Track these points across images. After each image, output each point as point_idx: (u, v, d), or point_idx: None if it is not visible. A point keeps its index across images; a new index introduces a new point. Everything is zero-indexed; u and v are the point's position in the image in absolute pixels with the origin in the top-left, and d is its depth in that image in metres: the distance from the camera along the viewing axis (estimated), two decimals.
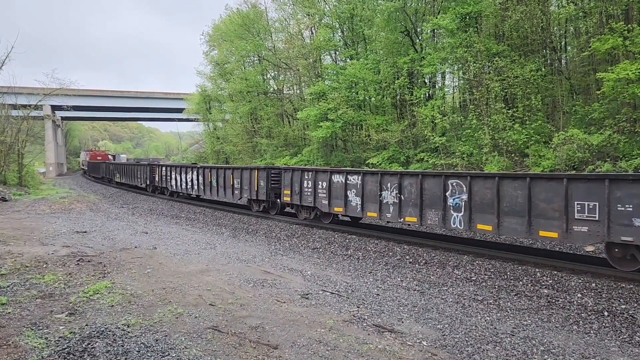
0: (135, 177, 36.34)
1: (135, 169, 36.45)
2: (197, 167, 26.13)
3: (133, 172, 36.86)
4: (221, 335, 6.52)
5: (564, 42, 23.71)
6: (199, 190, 25.93)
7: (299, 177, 18.30)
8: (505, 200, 11.55)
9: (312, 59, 33.76)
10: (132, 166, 38.10)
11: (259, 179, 20.57)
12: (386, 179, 14.68)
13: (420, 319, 7.68)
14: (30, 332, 6.41)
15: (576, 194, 10.19)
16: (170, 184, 29.45)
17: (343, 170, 16.53)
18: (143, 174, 34.06)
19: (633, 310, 8.21)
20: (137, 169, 35.82)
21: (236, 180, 22.07)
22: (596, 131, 17.96)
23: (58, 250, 12.19)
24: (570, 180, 10.36)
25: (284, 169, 19.58)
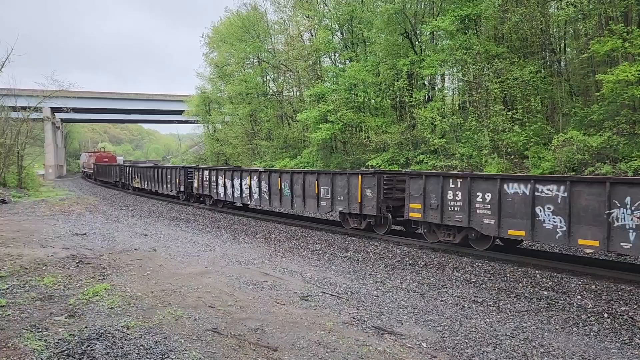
0: (162, 183, 31.03)
1: (164, 172, 31.05)
2: (259, 171, 21.38)
3: (160, 176, 31.52)
4: (221, 337, 6.51)
5: (563, 44, 23.75)
6: (260, 200, 20.94)
7: (438, 186, 13.44)
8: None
9: (312, 61, 33.81)
10: (160, 170, 32.22)
11: (363, 187, 15.84)
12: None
13: (420, 321, 7.67)
14: (29, 334, 6.40)
15: None
16: (215, 191, 24.39)
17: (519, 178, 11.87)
18: (175, 178, 29.15)
19: (633, 312, 8.21)
20: (167, 173, 30.57)
21: (324, 189, 17.34)
22: (596, 133, 17.98)
23: (57, 253, 12.18)
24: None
25: (410, 175, 14.68)
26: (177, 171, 28.92)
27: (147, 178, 33.73)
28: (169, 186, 30.07)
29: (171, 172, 29.88)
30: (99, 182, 51.06)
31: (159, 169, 32.51)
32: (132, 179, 37.38)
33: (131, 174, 37.67)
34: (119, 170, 41.94)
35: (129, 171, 38.47)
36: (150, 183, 33.07)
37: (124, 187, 39.73)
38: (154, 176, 32.40)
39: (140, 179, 35.16)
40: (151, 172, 33.19)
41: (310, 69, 34.22)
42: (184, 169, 28.26)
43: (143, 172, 34.82)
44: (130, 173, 37.94)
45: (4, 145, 33.42)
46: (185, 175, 27.75)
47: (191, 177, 27.08)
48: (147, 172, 34.01)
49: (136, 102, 75.75)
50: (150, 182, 33.06)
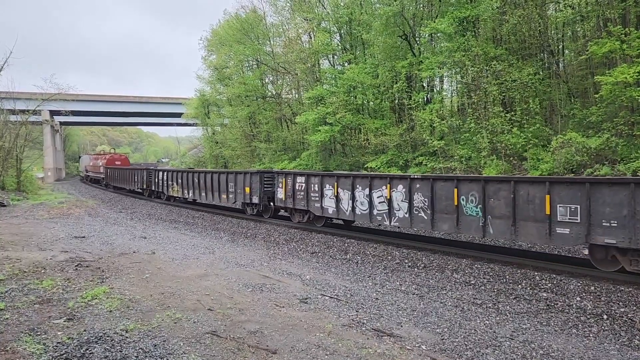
0: (219, 192, 24.29)
1: (224, 179, 23.94)
2: (410, 177, 14.59)
3: (216, 183, 24.57)
4: (220, 340, 6.50)
5: (562, 45, 23.78)
6: (412, 220, 14.26)
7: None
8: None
9: (311, 63, 33.79)
10: (216, 175, 24.95)
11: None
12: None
13: (419, 323, 7.67)
14: (28, 338, 6.38)
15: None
16: (319, 204, 17.86)
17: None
18: (243, 186, 22.25)
19: (632, 314, 8.21)
20: (229, 179, 23.54)
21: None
22: (594, 134, 18.00)
23: (56, 256, 12.16)
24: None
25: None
26: (247, 177, 22.15)
27: (192, 185, 27.25)
28: (231, 196, 23.45)
29: (237, 178, 22.95)
30: (112, 188, 44.17)
31: (214, 173, 25.35)
32: (167, 187, 30.63)
33: (166, 180, 30.85)
34: (146, 175, 34.17)
35: (163, 176, 31.45)
36: (198, 192, 26.54)
37: (154, 196, 32.84)
38: (205, 183, 25.75)
39: (180, 187, 28.74)
40: (201, 177, 26.36)
41: (309, 71, 34.21)
42: (259, 174, 21.70)
43: (187, 178, 28.04)
44: (165, 179, 31.04)
45: (3, 148, 33.40)
46: (262, 182, 21.32)
47: (271, 185, 21.26)
48: (192, 178, 27.36)
49: (135, 105, 75.73)
50: (199, 190, 26.48)
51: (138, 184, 35.65)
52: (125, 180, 39.39)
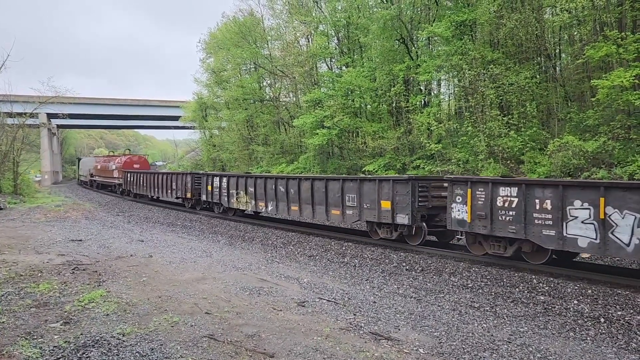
0: (329, 205, 16.96)
1: (342, 187, 16.42)
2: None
3: (327, 194, 17.05)
4: (217, 343, 6.48)
5: (559, 49, 23.87)
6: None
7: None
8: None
9: (308, 67, 33.85)
10: (327, 182, 17.20)
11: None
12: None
13: (417, 327, 7.66)
14: (24, 342, 6.36)
15: None
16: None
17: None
18: (381, 195, 15.15)
19: (629, 317, 8.22)
20: (363, 188, 15.78)
21: None
22: (591, 138, 18.05)
23: (53, 259, 12.13)
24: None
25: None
26: (395, 185, 14.70)
27: (275, 195, 19.51)
28: (350, 213, 16.24)
29: (380, 186, 15.19)
30: (131, 196, 37.11)
31: (319, 180, 17.58)
32: (227, 196, 23.15)
33: (226, 188, 23.20)
34: (191, 180, 26.91)
35: (221, 183, 23.52)
36: (287, 203, 18.83)
37: (200, 207, 26.56)
38: (300, 193, 18.19)
39: (252, 197, 21.05)
40: (291, 185, 18.58)
41: (307, 75, 34.26)
42: (410, 181, 14.36)
43: (266, 186, 20.12)
44: (225, 186, 23.24)
45: (0, 151, 33.33)
46: (414, 193, 14.30)
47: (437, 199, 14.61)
48: (275, 186, 19.44)
49: (133, 108, 75.69)
50: (288, 202, 18.79)
51: (178, 191, 28.26)
52: (155, 187, 31.64)
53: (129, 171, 38.59)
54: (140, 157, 45.13)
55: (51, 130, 76.25)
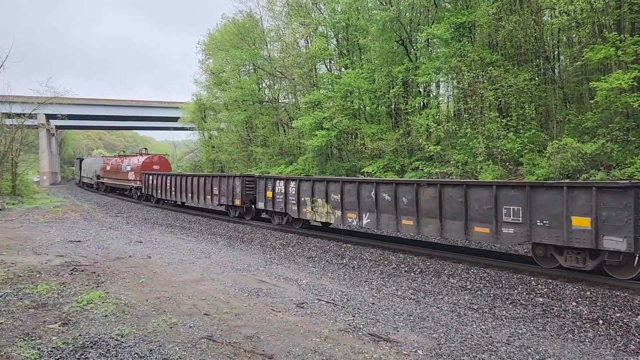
0: (484, 218, 12.38)
1: (500, 196, 12.12)
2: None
3: (482, 204, 12.46)
4: (216, 345, 6.48)
5: (557, 51, 23.92)
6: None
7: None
8: None
9: (307, 68, 33.87)
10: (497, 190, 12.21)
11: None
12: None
13: (415, 328, 7.66)
14: (22, 343, 6.35)
15: None
16: None
17: None
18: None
19: (628, 319, 8.22)
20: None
21: None
22: (590, 140, 18.08)
23: (51, 260, 12.11)
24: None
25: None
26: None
27: (390, 207, 14.75)
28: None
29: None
30: (154, 202, 32.54)
31: (489, 187, 12.51)
32: (297, 204, 18.55)
33: (294, 194, 18.75)
34: (240, 185, 22.32)
35: (288, 188, 19.07)
36: (418, 217, 14.01)
37: (252, 217, 22.55)
38: (441, 204, 13.40)
39: (353, 208, 16.01)
40: (423, 193, 13.86)
41: (306, 76, 34.28)
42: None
43: (368, 193, 15.47)
44: (294, 192, 18.77)
45: None
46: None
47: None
48: (393, 193, 14.64)
49: (131, 109, 75.67)
50: (420, 216, 13.98)
51: (221, 197, 23.77)
52: (188, 192, 27.19)
53: (150, 173, 33.30)
54: (160, 157, 39.27)
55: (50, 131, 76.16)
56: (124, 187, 39.57)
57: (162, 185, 30.51)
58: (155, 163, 37.40)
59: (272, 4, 37.36)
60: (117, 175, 40.98)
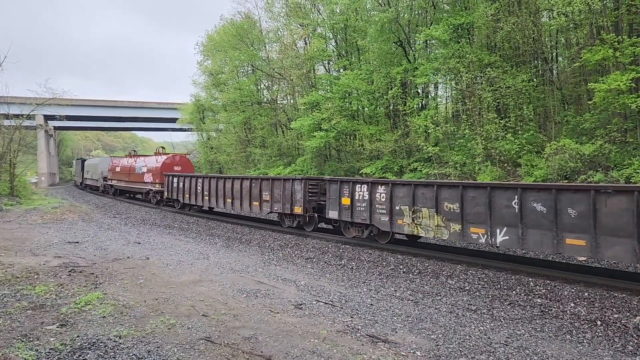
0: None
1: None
2: None
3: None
4: (214, 346, 6.47)
5: (555, 52, 23.97)
6: None
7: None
8: None
9: (306, 69, 33.89)
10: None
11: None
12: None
13: (414, 329, 7.66)
14: (20, 344, 6.33)
15: None
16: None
17: None
18: None
19: (626, 320, 8.24)
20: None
21: None
22: (588, 141, 18.11)
23: (49, 261, 12.09)
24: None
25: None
26: None
27: (546, 220, 11.16)
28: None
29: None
30: (180, 207, 28.22)
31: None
32: (401, 215, 14.72)
33: (400, 202, 14.80)
34: (302, 189, 18.54)
35: (391, 195, 15.03)
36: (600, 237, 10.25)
37: (309, 229, 18.72)
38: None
39: (483, 221, 12.46)
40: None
41: (305, 77, 34.30)
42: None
43: (505, 201, 12.02)
44: (398, 198, 14.89)
45: None
46: None
47: None
48: (553, 203, 11.02)
49: (130, 110, 75.63)
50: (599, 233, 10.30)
51: (274, 204, 19.81)
52: (227, 197, 22.90)
53: (174, 175, 28.63)
54: (182, 157, 34.12)
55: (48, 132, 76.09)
56: (139, 190, 35.09)
57: (192, 188, 26.17)
58: (177, 163, 32.72)
59: (271, 5, 37.42)
60: (130, 177, 36.46)
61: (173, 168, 32.09)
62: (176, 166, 32.46)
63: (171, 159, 32.82)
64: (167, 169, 31.68)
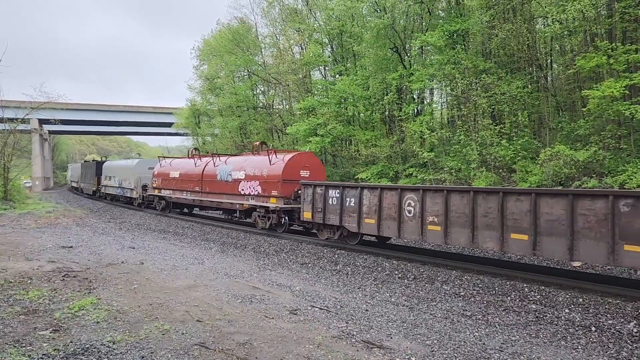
0: None
1: None
2: None
3: None
4: (208, 352, 6.44)
5: (550, 59, 24.12)
6: None
7: None
8: None
9: (302, 74, 33.97)
10: None
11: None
12: None
13: (409, 335, 7.65)
14: (13, 349, 6.28)
15: None
16: None
17: None
18: None
19: (620, 326, 8.26)
20: None
21: None
22: (582, 147, 18.20)
23: (43, 266, 12.02)
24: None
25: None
26: None
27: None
28: None
29: None
30: (340, 240, 16.75)
31: None
32: None
33: None
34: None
35: None
36: None
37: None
38: None
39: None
40: None
41: (301, 82, 34.37)
42: None
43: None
44: None
45: None
46: None
47: None
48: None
49: (125, 114, 75.55)
50: None
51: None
52: (489, 227, 11.90)
53: (331, 185, 17.12)
54: (311, 156, 22.20)
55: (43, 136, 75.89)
56: (228, 207, 23.21)
57: (385, 209, 14.50)
58: (304, 167, 20.56)
59: (268, 11, 37.50)
60: (208, 186, 24.50)
61: (299, 173, 20.23)
62: (303, 170, 20.42)
63: (296, 160, 20.53)
64: (291, 174, 20.01)
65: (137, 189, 33.57)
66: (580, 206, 10.06)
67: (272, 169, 20.28)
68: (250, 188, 21.40)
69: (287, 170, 19.84)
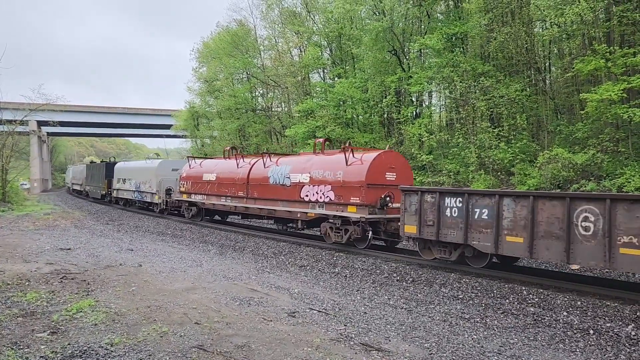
0: None
1: None
2: None
3: None
4: (206, 354, 6.43)
5: (548, 62, 24.19)
6: None
7: None
8: None
9: (301, 77, 34.01)
10: None
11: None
12: None
13: (407, 338, 7.65)
14: (10, 352, 6.27)
15: None
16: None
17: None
18: None
19: (618, 329, 8.26)
20: None
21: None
22: (580, 150, 18.25)
23: (41, 268, 12.00)
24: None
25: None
26: None
27: None
28: None
29: None
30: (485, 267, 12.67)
31: None
32: None
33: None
34: None
35: None
36: None
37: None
38: None
39: None
40: None
41: (299, 85, 34.42)
42: None
43: None
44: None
45: None
46: None
47: None
48: None
49: (124, 117, 75.60)
50: None
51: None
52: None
53: (430, 191, 13.17)
54: (396, 155, 17.65)
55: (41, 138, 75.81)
56: (287, 216, 18.92)
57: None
58: (390, 167, 16.49)
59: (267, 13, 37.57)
60: (256, 191, 20.34)
61: (384, 175, 16.33)
62: (388, 173, 16.44)
63: (382, 159, 16.34)
64: (375, 176, 15.94)
65: (160, 193, 29.01)
66: None
67: (350, 171, 16.26)
68: (318, 194, 17.27)
69: (371, 172, 15.79)
